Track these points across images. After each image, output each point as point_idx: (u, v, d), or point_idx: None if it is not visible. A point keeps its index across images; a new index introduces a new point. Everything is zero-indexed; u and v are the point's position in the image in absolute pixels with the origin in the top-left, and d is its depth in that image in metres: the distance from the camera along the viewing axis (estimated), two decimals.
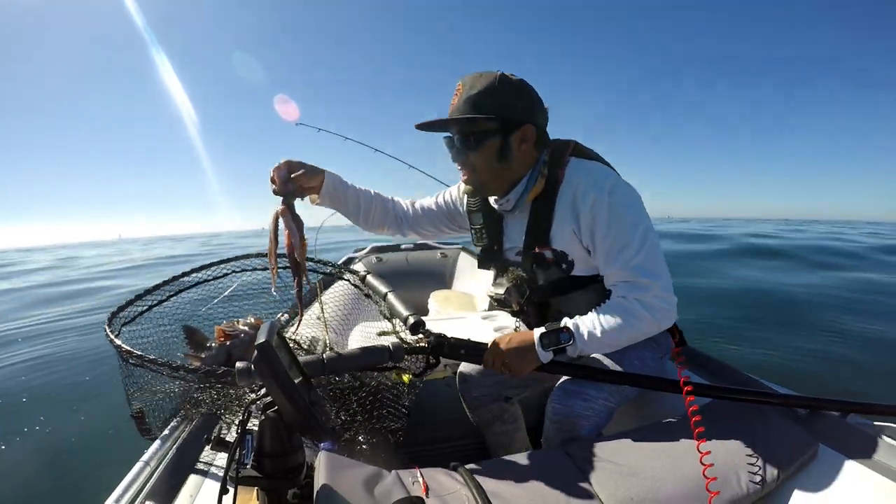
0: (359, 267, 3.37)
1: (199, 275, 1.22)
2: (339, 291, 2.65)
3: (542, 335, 0.97)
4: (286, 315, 2.00)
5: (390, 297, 1.07)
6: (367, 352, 0.86)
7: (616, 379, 1.03)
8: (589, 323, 0.96)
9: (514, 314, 1.22)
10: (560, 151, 1.03)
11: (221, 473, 0.63)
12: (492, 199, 1.10)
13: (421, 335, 0.98)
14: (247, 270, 1.28)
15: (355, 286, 1.20)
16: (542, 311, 1.14)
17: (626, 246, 0.94)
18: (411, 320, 0.98)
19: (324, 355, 0.85)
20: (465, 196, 1.20)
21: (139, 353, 0.88)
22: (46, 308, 7.25)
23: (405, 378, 0.96)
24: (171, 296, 1.19)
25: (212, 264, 1.24)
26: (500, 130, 0.97)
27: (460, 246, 3.79)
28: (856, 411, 0.97)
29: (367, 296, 1.18)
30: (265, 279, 1.30)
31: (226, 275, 1.25)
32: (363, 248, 3.81)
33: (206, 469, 0.96)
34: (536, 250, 1.04)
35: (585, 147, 1.07)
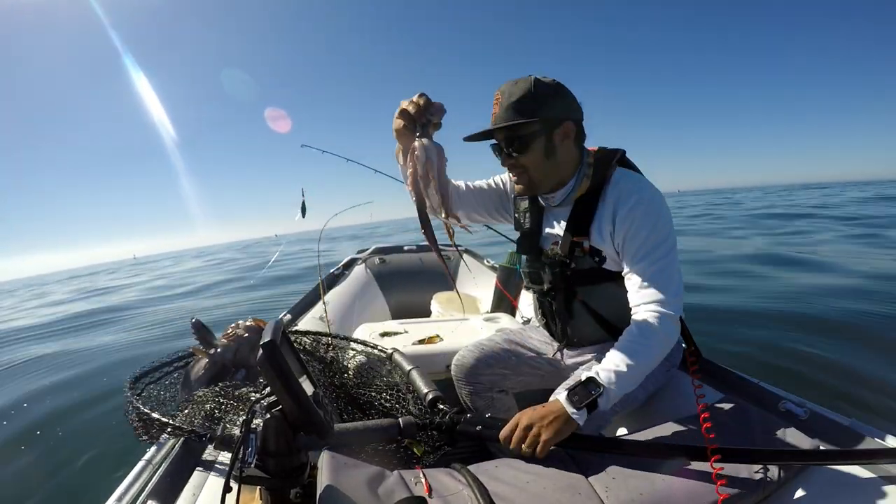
0: (361, 267, 3.37)
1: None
2: (342, 292, 2.66)
3: (568, 393, 0.89)
4: (289, 315, 2.01)
5: (413, 373, 1.11)
6: (376, 427, 0.87)
7: (647, 452, 0.86)
8: (610, 364, 0.93)
9: (542, 295, 1.21)
10: (607, 157, 1.10)
11: (224, 472, 0.63)
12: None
13: (440, 411, 0.96)
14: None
15: (380, 362, 1.24)
16: (569, 299, 1.16)
17: (653, 249, 0.99)
18: (430, 396, 1.00)
19: (334, 426, 0.82)
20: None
21: (161, 417, 0.97)
22: None
23: (417, 450, 0.95)
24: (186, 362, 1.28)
25: None
26: (543, 130, 1.03)
27: (463, 247, 3.78)
28: None
29: (390, 371, 1.22)
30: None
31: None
32: (366, 250, 3.81)
33: (208, 468, 0.96)
34: (575, 239, 1.09)
35: (630, 161, 1.14)
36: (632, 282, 1.01)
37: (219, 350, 1.20)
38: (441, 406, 0.96)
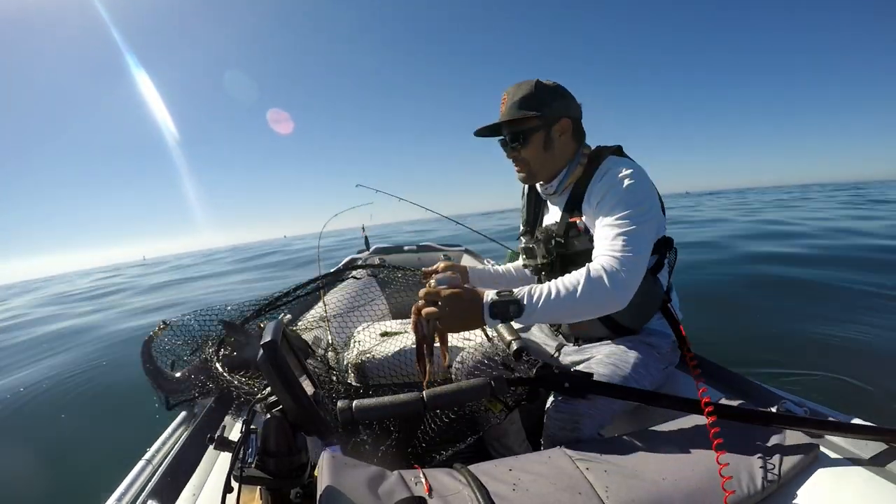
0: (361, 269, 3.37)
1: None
2: (341, 292, 2.66)
3: (493, 303, 0.90)
4: (289, 315, 2.01)
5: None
6: (467, 389, 0.86)
7: (637, 397, 0.94)
8: (541, 290, 0.93)
9: (537, 270, 1.27)
10: (603, 149, 1.18)
11: (224, 472, 0.64)
12: (538, 186, 1.27)
13: (525, 362, 0.95)
14: None
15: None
16: (566, 271, 1.19)
17: (625, 212, 1.01)
18: (514, 346, 0.95)
19: (423, 393, 0.82)
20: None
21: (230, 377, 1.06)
22: None
23: (495, 407, 0.93)
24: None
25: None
26: (543, 126, 1.13)
27: (463, 248, 3.78)
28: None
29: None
30: None
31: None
32: (366, 250, 3.81)
33: (208, 468, 0.97)
34: (570, 220, 1.16)
35: (627, 155, 1.19)
36: (600, 235, 1.03)
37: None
38: (525, 358, 0.95)
